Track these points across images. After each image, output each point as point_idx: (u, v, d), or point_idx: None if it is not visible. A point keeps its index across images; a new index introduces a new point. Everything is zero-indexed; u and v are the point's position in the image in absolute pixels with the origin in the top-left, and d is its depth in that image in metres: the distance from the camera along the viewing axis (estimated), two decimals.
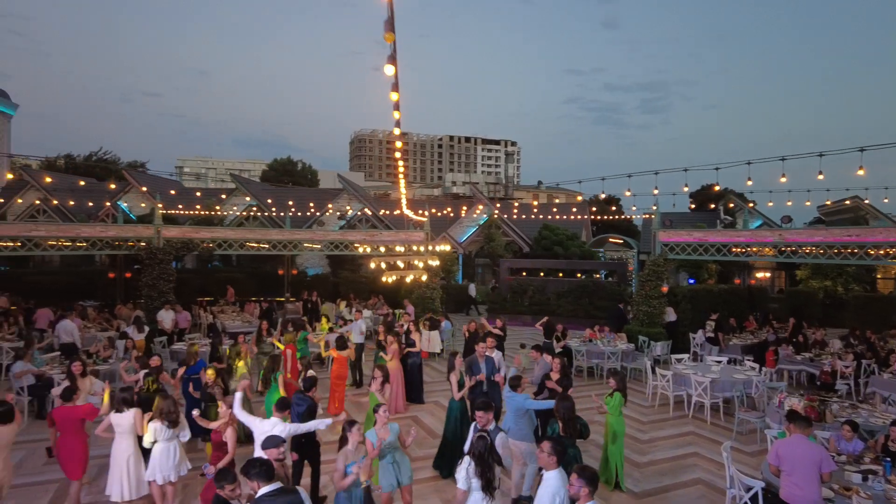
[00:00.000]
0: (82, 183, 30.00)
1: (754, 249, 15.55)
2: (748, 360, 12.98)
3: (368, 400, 8.30)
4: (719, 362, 12.25)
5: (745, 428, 10.03)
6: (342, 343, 10.89)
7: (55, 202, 28.23)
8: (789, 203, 21.10)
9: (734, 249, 15.70)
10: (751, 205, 28.05)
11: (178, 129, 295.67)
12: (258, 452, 5.46)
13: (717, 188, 26.53)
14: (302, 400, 7.10)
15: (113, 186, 28.75)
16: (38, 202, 28.35)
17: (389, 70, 4.46)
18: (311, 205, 28.63)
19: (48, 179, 27.48)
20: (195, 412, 7.38)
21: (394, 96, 4.69)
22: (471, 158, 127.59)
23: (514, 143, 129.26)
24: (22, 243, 15.63)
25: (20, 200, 29.00)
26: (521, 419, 7.11)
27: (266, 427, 5.95)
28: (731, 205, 30.45)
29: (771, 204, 22.20)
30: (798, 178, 16.83)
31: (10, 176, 29.33)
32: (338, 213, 29.55)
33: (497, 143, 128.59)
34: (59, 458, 6.56)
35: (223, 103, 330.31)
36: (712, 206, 32.02)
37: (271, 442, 5.16)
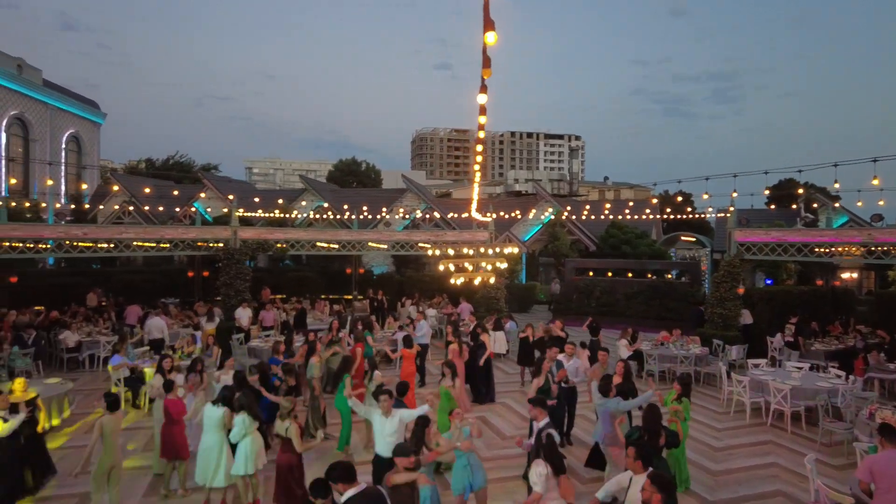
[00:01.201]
0: (175, 193, 32.19)
1: (839, 249, 14.62)
2: (832, 366, 12.27)
3: (436, 397, 8.40)
4: (800, 368, 11.68)
5: (829, 439, 9.53)
6: (409, 341, 11.19)
7: (146, 208, 30.34)
8: (881, 202, 19.42)
9: (817, 250, 14.86)
10: (836, 204, 26.11)
11: (246, 130, 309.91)
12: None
13: (800, 192, 24.84)
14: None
15: (203, 195, 30.95)
16: (130, 209, 30.61)
17: (482, 98, 5.11)
18: (384, 209, 29.39)
19: (147, 190, 29.52)
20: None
21: (482, 119, 5.10)
22: (533, 154, 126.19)
23: (577, 138, 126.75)
24: (114, 244, 16.85)
25: (116, 207, 31.40)
26: (622, 424, 7.12)
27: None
28: (815, 205, 28.54)
29: (860, 204, 20.53)
30: (892, 177, 15.57)
31: (115, 188, 31.66)
32: (405, 216, 30.12)
33: (560, 137, 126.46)
34: (165, 441, 7.33)
35: (289, 105, 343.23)
36: (794, 206, 30.16)
37: (401, 450, 5.15)
